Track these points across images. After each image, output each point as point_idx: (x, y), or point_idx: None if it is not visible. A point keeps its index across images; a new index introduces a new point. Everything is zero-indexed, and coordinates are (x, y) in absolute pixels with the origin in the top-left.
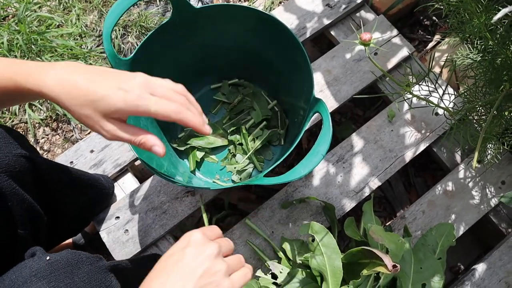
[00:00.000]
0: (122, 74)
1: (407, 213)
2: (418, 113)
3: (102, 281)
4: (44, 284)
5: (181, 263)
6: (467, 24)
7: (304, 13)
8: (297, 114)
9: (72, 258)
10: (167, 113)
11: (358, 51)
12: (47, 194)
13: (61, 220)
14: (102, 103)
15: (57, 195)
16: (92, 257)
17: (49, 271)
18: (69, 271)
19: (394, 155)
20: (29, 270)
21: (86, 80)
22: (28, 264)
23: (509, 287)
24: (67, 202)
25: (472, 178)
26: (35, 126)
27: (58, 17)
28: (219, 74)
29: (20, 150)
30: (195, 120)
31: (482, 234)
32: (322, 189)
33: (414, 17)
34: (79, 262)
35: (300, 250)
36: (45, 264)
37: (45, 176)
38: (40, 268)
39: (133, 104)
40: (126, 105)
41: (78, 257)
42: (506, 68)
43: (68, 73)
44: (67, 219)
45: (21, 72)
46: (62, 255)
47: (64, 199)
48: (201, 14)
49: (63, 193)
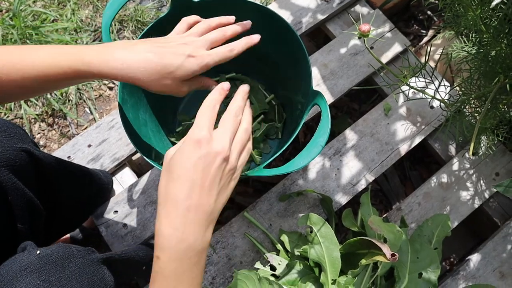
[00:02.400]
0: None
1: (403, 205)
2: (414, 106)
3: (94, 274)
4: (34, 278)
5: None
6: (462, 17)
7: (300, 7)
8: (295, 107)
9: (63, 252)
10: (226, 55)
11: (354, 45)
12: (47, 189)
13: (60, 215)
14: (180, 72)
15: (57, 189)
16: (84, 250)
17: (40, 265)
18: (59, 265)
19: (390, 148)
20: (19, 264)
21: (156, 55)
22: (18, 259)
23: (503, 276)
24: (67, 196)
25: (467, 170)
26: (31, 122)
27: (53, 12)
28: (217, 68)
29: (21, 144)
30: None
31: (476, 226)
32: (319, 182)
33: (409, 12)
34: (70, 256)
35: (298, 242)
36: (35, 258)
37: (46, 171)
38: (30, 262)
39: (204, 64)
40: (200, 67)
41: (69, 251)
42: (500, 60)
43: (136, 53)
44: (66, 214)
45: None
46: (52, 249)
47: (64, 194)
48: (199, 7)
49: (62, 188)
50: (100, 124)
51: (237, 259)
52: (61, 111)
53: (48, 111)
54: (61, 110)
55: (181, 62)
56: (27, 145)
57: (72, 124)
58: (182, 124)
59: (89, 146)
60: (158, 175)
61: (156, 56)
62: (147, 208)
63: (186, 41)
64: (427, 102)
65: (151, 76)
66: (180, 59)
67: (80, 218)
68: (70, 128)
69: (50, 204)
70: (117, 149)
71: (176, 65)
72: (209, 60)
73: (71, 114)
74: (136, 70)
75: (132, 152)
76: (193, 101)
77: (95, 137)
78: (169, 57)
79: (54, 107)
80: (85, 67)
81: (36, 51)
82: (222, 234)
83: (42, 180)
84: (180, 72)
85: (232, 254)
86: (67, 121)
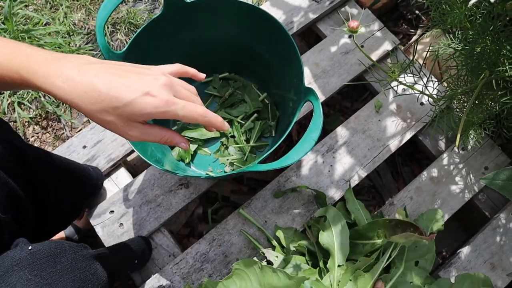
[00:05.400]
0: (142, 74)
1: (395, 199)
2: (404, 103)
3: (86, 269)
4: (26, 273)
5: None
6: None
7: (291, 8)
8: (287, 105)
9: (55, 248)
10: (194, 116)
11: (345, 44)
12: (33, 181)
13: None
14: (128, 109)
15: (43, 182)
16: (76, 246)
17: (31, 261)
18: (51, 260)
19: (382, 144)
20: (11, 260)
21: (105, 82)
22: (10, 254)
23: (493, 267)
24: (53, 188)
25: (456, 165)
26: (25, 125)
27: (45, 16)
28: (210, 68)
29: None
30: (218, 120)
31: (467, 220)
32: (313, 178)
33: (398, 11)
34: (62, 251)
35: (294, 237)
36: (27, 254)
37: (31, 162)
38: (22, 258)
39: (162, 110)
40: (156, 111)
41: (61, 246)
42: (485, 56)
43: (83, 74)
44: (54, 208)
45: (29, 68)
46: (44, 244)
47: (50, 186)
48: (192, 7)
49: (49, 180)
50: (95, 125)
51: (233, 256)
52: (55, 113)
53: (42, 114)
54: (55, 113)
55: (132, 99)
56: (11, 137)
57: (66, 127)
58: (177, 124)
59: (84, 147)
60: (153, 175)
61: (104, 84)
62: (143, 207)
63: (153, 75)
64: (417, 99)
65: (92, 105)
66: (133, 94)
67: (70, 214)
68: (64, 130)
69: (37, 195)
70: (112, 150)
71: (125, 100)
72: (174, 109)
73: (65, 117)
74: (76, 93)
75: (127, 153)
76: None
77: (90, 138)
78: (120, 89)
79: (48, 110)
80: (30, 75)
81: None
82: (218, 231)
83: (28, 171)
84: (128, 111)
85: (228, 251)
86: (61, 123)
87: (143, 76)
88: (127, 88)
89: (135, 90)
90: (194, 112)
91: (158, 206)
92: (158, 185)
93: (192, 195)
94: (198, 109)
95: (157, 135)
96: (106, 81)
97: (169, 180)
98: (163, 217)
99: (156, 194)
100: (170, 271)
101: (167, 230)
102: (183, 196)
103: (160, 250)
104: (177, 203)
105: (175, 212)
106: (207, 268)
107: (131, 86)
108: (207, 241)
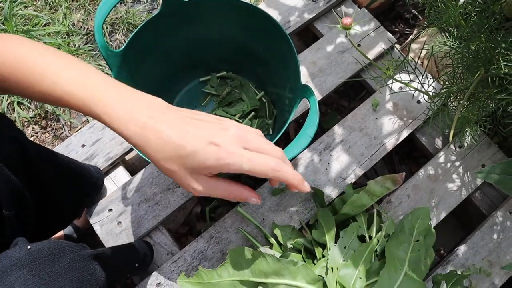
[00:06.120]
0: (213, 123)
1: (392, 197)
2: (401, 101)
3: (84, 269)
4: (24, 272)
5: None
6: (443, 13)
7: (288, 7)
8: (284, 104)
9: (53, 247)
10: (263, 170)
11: (342, 43)
12: (34, 178)
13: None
14: (190, 160)
15: (44, 180)
16: (75, 245)
17: (30, 260)
18: (50, 260)
19: (379, 142)
20: (9, 259)
21: (174, 131)
22: (9, 254)
23: (491, 265)
24: (54, 186)
25: (453, 163)
26: (24, 125)
27: (45, 16)
28: (208, 67)
29: (8, 131)
30: (296, 178)
31: (465, 217)
32: (310, 176)
33: (395, 11)
34: (61, 251)
35: (291, 235)
36: (26, 253)
37: (33, 159)
38: (20, 257)
39: (225, 162)
40: (218, 163)
41: (60, 246)
42: (480, 54)
43: (152, 119)
44: (55, 207)
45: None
46: (43, 244)
47: (51, 184)
48: (190, 6)
49: (49, 178)
50: (94, 124)
51: None
52: (54, 113)
53: (41, 113)
54: (54, 112)
55: (196, 148)
56: (16, 133)
57: (65, 126)
58: None
59: (82, 146)
60: (151, 173)
61: (171, 131)
62: (141, 206)
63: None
64: (414, 97)
65: (158, 153)
66: (198, 143)
67: (71, 213)
68: (63, 130)
69: (38, 193)
70: (111, 148)
71: (189, 149)
72: (238, 161)
73: (64, 116)
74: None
75: (125, 151)
76: (188, 97)
77: (89, 137)
78: (186, 137)
79: (47, 110)
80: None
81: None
82: (216, 229)
83: (29, 168)
84: (191, 161)
85: (226, 249)
86: (60, 123)
87: (213, 126)
88: (192, 137)
89: (201, 139)
90: (263, 165)
91: (156, 204)
92: (156, 184)
93: (190, 193)
94: (270, 162)
95: (224, 191)
96: (175, 130)
97: (167, 179)
98: (161, 215)
99: (154, 192)
100: (168, 269)
101: (165, 229)
102: (181, 195)
103: (158, 248)
104: (175, 201)
105: (173, 210)
106: (205, 265)
107: (197, 135)
108: (205, 239)
